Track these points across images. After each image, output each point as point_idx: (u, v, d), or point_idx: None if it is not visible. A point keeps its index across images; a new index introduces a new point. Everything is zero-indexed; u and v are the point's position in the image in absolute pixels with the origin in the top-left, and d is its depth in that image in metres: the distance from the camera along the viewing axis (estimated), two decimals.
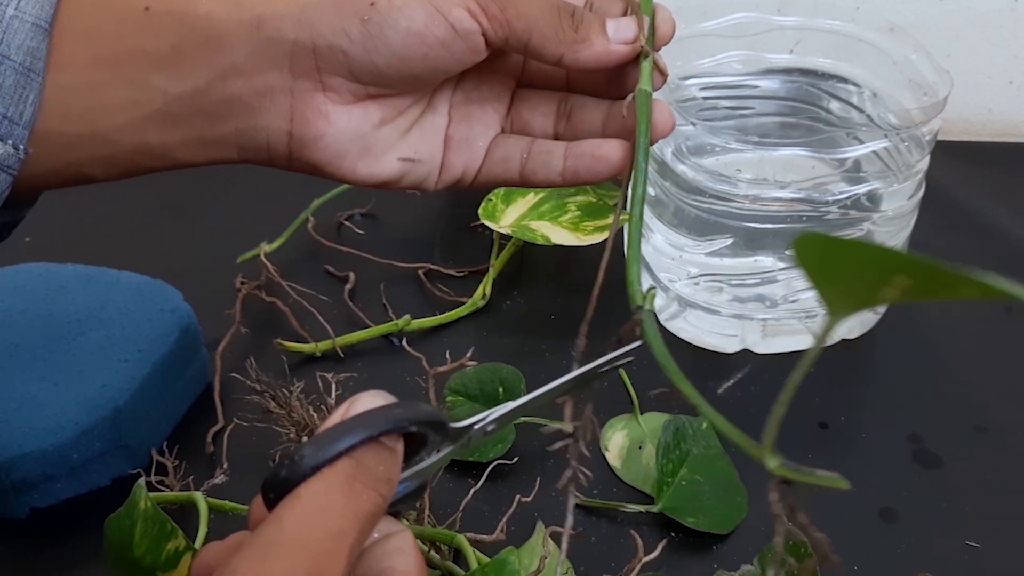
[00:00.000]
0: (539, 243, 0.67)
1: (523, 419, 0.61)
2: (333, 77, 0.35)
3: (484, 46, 0.36)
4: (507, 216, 0.69)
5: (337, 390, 0.58)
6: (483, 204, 0.69)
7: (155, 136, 0.35)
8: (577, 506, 0.57)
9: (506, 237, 0.73)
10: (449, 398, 0.62)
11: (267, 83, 0.35)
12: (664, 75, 0.39)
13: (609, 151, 0.39)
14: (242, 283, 0.70)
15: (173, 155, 0.35)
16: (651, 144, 0.38)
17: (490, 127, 0.40)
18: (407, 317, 0.69)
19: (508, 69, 0.40)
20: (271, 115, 0.35)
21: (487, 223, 0.68)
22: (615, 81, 0.39)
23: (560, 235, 0.67)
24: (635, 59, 0.38)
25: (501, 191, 0.70)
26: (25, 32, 0.31)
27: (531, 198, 0.70)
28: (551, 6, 0.36)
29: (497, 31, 0.36)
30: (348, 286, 0.72)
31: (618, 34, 0.37)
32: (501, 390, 0.61)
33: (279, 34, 0.34)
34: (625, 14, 0.39)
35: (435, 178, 0.40)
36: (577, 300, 0.72)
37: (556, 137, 0.41)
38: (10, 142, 0.32)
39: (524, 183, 0.40)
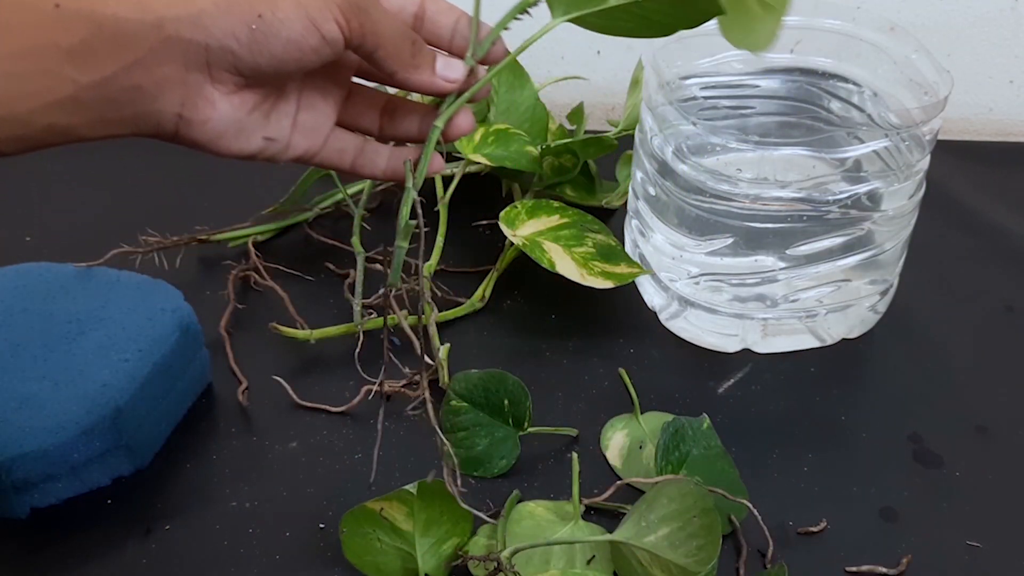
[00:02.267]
0: (543, 265, 0.66)
1: (530, 429, 0.62)
2: (221, 72, 0.42)
3: (343, 49, 0.43)
4: (525, 228, 0.68)
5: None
6: (507, 209, 0.69)
7: (64, 118, 0.39)
8: None
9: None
10: (453, 402, 0.62)
11: (164, 74, 0.40)
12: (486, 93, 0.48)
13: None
14: (235, 266, 0.72)
15: (77, 133, 0.40)
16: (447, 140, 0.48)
17: (329, 116, 0.47)
18: (404, 312, 0.69)
19: (347, 63, 0.47)
20: (165, 101, 0.41)
21: (503, 227, 0.68)
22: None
23: (566, 265, 0.66)
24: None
25: (529, 203, 0.70)
26: None
27: (555, 219, 0.69)
28: (400, 31, 0.44)
29: (354, 40, 0.43)
30: (348, 281, 0.72)
31: (444, 71, 0.46)
32: (507, 402, 0.61)
33: (178, 34, 0.40)
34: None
35: (284, 155, 0.47)
36: (577, 301, 0.73)
37: (380, 131, 0.49)
38: None
39: (353, 172, 0.49)
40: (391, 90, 0.51)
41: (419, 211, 0.46)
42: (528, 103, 0.80)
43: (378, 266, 0.71)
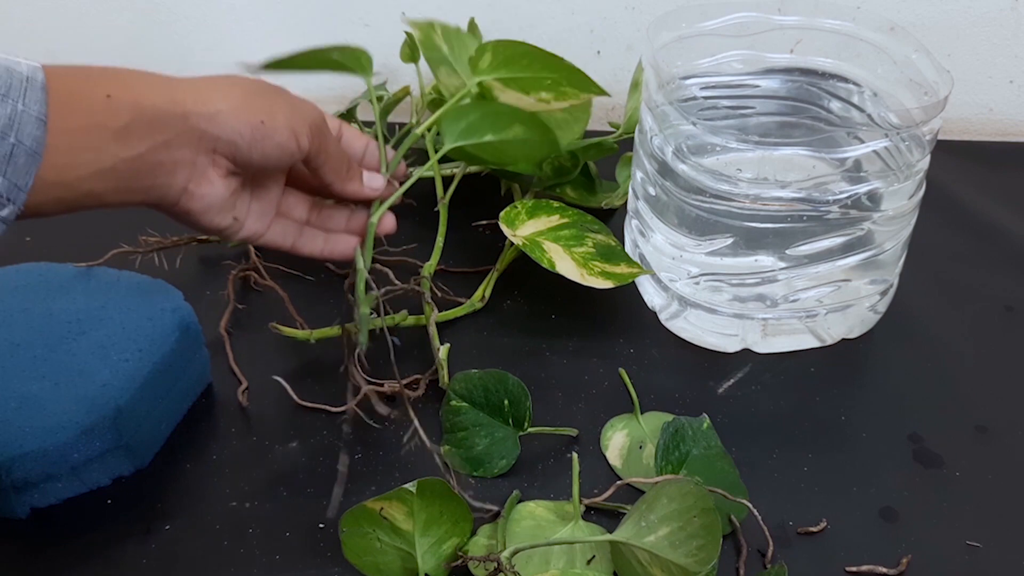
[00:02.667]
0: (543, 265, 0.66)
1: (530, 429, 0.62)
2: (221, 158, 0.52)
3: (303, 158, 0.55)
4: (525, 228, 0.68)
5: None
6: (507, 209, 0.69)
7: (100, 185, 0.48)
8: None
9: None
10: (453, 402, 0.62)
11: (182, 155, 0.50)
12: (401, 180, 0.63)
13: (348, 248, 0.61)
14: (235, 266, 0.72)
15: (103, 199, 0.48)
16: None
17: (272, 206, 0.58)
18: (404, 312, 0.69)
19: (283, 169, 0.58)
20: (178, 176, 0.51)
21: (503, 227, 0.67)
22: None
23: (566, 265, 0.66)
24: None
25: (529, 203, 0.70)
26: (32, 124, 0.44)
27: (555, 219, 0.69)
28: (340, 154, 0.58)
29: (311, 153, 0.55)
30: (348, 281, 0.72)
31: (369, 183, 0.60)
32: (507, 402, 0.61)
33: (198, 125, 0.50)
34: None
35: (238, 235, 0.56)
36: (578, 301, 0.73)
37: (309, 221, 0.61)
38: (14, 206, 0.44)
39: (294, 251, 0.60)
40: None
41: (373, 286, 0.58)
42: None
43: (378, 266, 0.71)
